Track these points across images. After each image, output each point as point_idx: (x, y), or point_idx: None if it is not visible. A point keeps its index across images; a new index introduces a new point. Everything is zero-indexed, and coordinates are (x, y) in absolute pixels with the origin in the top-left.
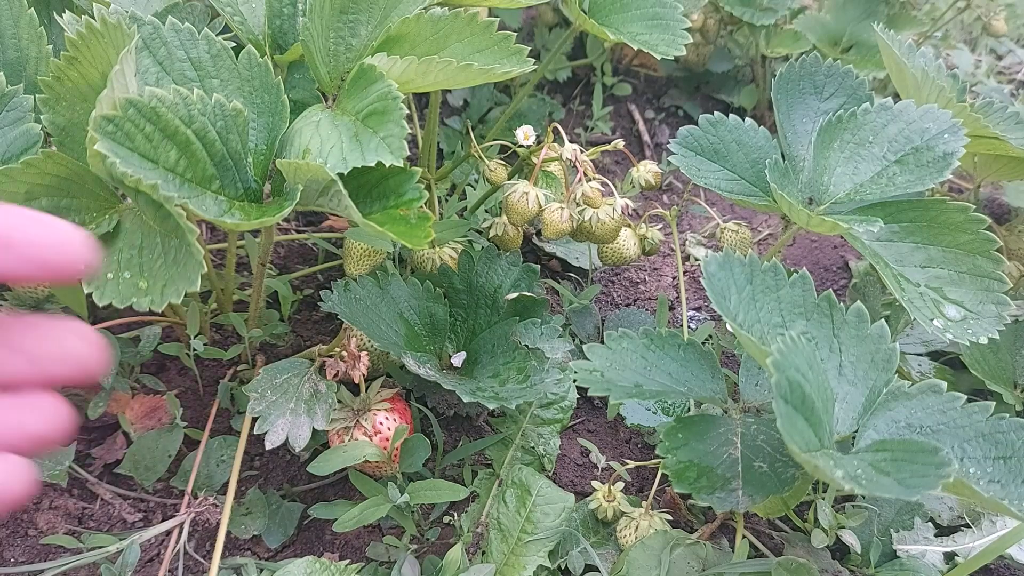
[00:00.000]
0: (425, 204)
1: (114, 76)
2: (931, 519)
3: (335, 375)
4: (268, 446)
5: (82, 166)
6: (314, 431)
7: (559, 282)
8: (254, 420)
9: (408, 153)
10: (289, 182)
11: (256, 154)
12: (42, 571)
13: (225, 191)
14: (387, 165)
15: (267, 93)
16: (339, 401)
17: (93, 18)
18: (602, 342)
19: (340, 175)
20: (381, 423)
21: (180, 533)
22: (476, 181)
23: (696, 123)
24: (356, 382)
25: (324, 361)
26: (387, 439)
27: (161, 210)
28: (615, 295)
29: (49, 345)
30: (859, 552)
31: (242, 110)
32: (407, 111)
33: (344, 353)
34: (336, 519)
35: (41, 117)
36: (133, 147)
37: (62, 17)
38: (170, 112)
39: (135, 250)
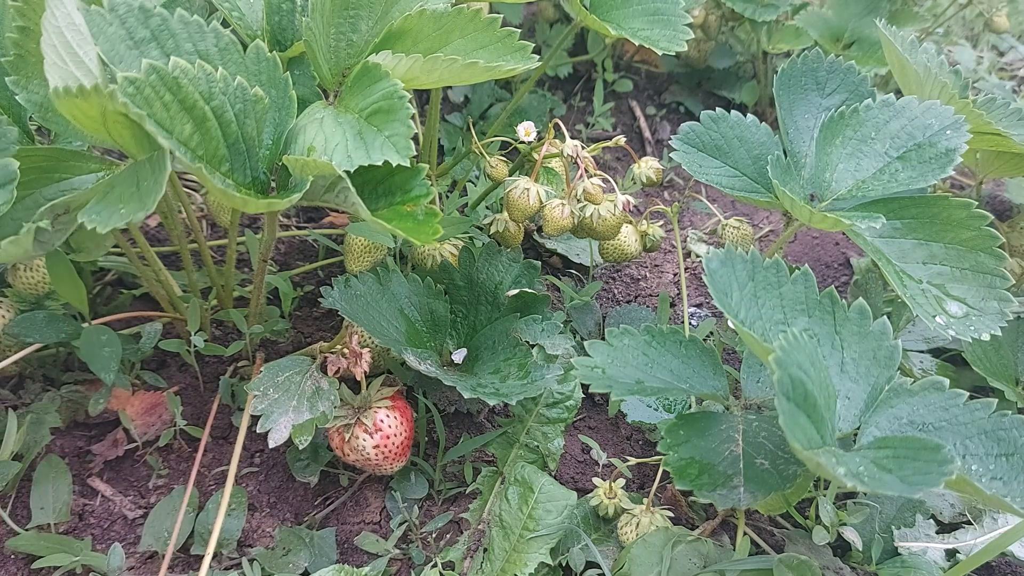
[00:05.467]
0: (431, 201)
1: (44, 46)
2: (932, 516)
3: (336, 372)
4: (271, 444)
5: (60, 148)
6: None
7: (560, 279)
8: (255, 418)
9: (415, 152)
10: (296, 177)
11: (263, 148)
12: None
13: (234, 175)
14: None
15: (274, 88)
16: (340, 399)
17: None
18: (603, 339)
19: (347, 172)
20: (382, 421)
21: None
22: (477, 177)
23: (697, 119)
24: (358, 379)
25: (326, 358)
26: (388, 436)
27: (156, 168)
28: (616, 292)
29: None
30: (860, 549)
31: (263, 97)
32: (413, 110)
33: (346, 350)
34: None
35: (16, 98)
36: (151, 113)
37: None
38: (191, 85)
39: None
